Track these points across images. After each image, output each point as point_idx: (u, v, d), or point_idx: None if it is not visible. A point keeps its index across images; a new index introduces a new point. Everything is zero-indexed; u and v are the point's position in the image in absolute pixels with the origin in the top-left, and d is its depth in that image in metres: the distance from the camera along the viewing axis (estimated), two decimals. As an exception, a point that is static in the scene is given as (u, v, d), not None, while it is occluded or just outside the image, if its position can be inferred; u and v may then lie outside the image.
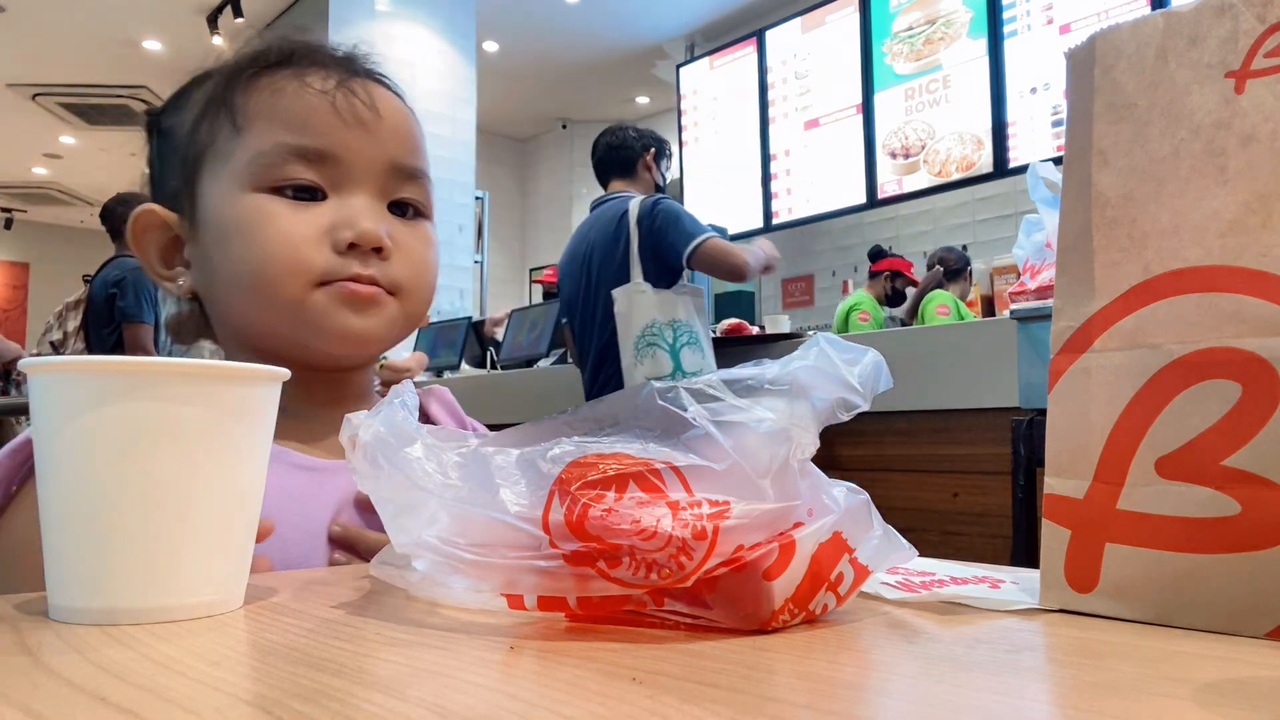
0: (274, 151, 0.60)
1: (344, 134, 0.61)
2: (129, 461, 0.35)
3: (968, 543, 1.47)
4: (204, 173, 0.63)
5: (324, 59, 0.64)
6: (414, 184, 0.65)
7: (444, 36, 5.69)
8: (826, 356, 0.37)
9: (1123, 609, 0.37)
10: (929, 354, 1.55)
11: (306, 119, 0.60)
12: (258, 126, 0.61)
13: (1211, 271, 0.36)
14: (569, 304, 2.54)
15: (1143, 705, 0.25)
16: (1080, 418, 0.39)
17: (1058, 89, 4.10)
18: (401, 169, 0.64)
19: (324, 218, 0.60)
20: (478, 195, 5.65)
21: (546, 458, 0.35)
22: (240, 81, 0.62)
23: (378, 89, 0.65)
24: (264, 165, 0.60)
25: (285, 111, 0.60)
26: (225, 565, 0.38)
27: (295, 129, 0.60)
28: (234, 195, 0.60)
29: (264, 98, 0.61)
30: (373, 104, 0.62)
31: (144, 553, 0.36)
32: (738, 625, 0.34)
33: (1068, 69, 0.42)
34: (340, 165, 0.61)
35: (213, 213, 0.62)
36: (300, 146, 0.60)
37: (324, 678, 0.27)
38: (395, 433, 0.38)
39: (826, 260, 5.91)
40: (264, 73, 0.62)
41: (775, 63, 5.43)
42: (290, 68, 0.62)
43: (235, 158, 0.61)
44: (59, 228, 11.03)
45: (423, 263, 0.65)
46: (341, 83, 0.62)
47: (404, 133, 0.65)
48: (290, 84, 0.61)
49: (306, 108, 0.60)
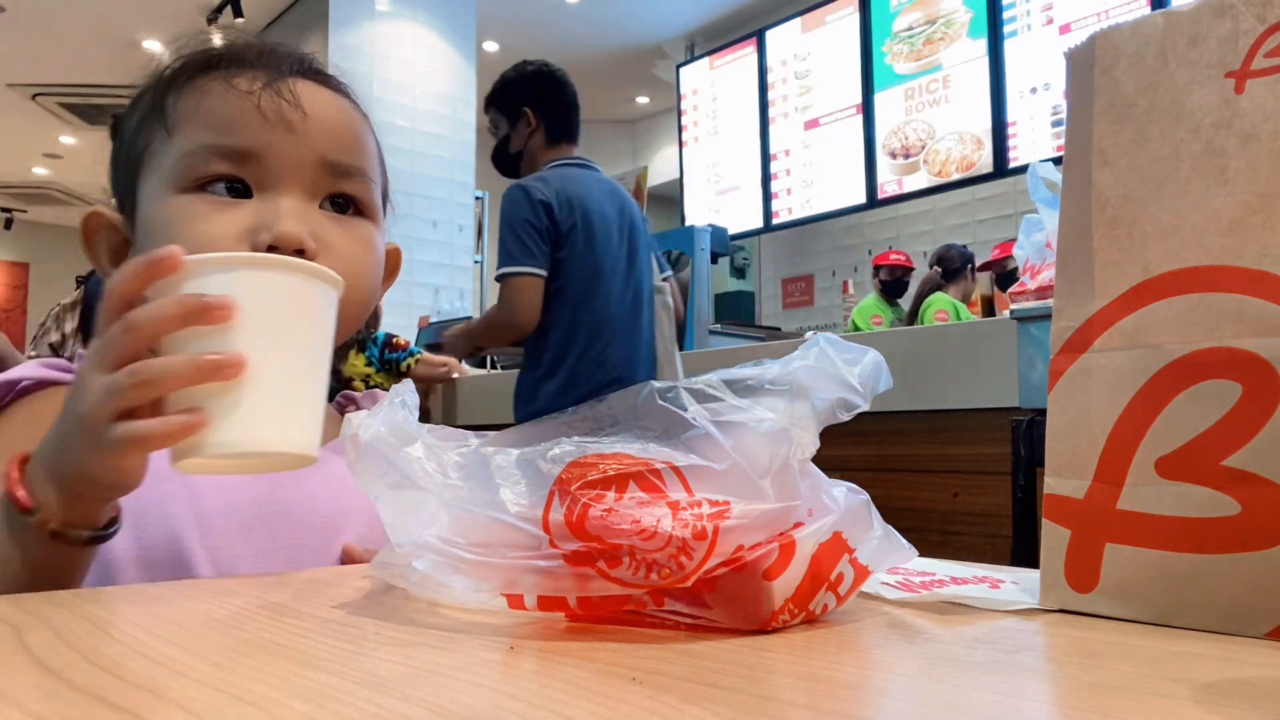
0: (198, 152, 0.60)
1: (268, 133, 0.60)
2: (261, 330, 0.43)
3: (968, 543, 1.47)
4: (141, 176, 0.63)
5: (253, 61, 0.63)
6: (349, 180, 0.64)
7: (444, 36, 5.69)
8: (826, 356, 0.37)
9: (1123, 609, 0.37)
10: (929, 354, 1.55)
11: (230, 119, 0.60)
12: (185, 129, 0.61)
13: (1211, 271, 0.36)
14: (607, 273, 2.05)
15: (1143, 705, 0.25)
16: (1080, 418, 0.39)
17: (1058, 89, 4.10)
18: (334, 166, 0.63)
19: (245, 219, 0.59)
20: (478, 195, 5.65)
21: (546, 458, 0.35)
22: (174, 86, 0.63)
23: (311, 88, 0.64)
24: (188, 165, 0.60)
25: (210, 113, 0.61)
26: (314, 417, 0.46)
27: (219, 130, 0.60)
28: (162, 197, 0.60)
29: (192, 101, 0.62)
30: (298, 102, 0.62)
31: (264, 400, 0.43)
32: (738, 625, 0.34)
33: (1068, 69, 0.42)
34: (264, 164, 0.60)
35: (144, 214, 0.62)
36: (223, 146, 0.60)
37: (324, 678, 0.27)
38: (395, 432, 0.38)
39: (826, 260, 5.91)
40: (196, 76, 0.63)
41: (775, 63, 5.43)
42: (219, 70, 0.62)
43: (165, 160, 0.61)
44: (59, 228, 11.02)
45: (354, 264, 0.63)
46: (269, 83, 0.62)
47: (337, 129, 0.64)
48: (217, 85, 0.61)
49: (231, 108, 0.60)
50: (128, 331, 0.43)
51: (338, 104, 0.66)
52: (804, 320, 5.87)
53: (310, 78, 0.65)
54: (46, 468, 0.47)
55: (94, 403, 0.44)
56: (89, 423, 0.44)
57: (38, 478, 0.47)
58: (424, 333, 3.87)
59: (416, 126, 5.39)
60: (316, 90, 0.64)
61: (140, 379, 0.42)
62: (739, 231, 5.40)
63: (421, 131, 5.41)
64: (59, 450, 0.46)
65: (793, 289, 6.13)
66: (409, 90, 5.45)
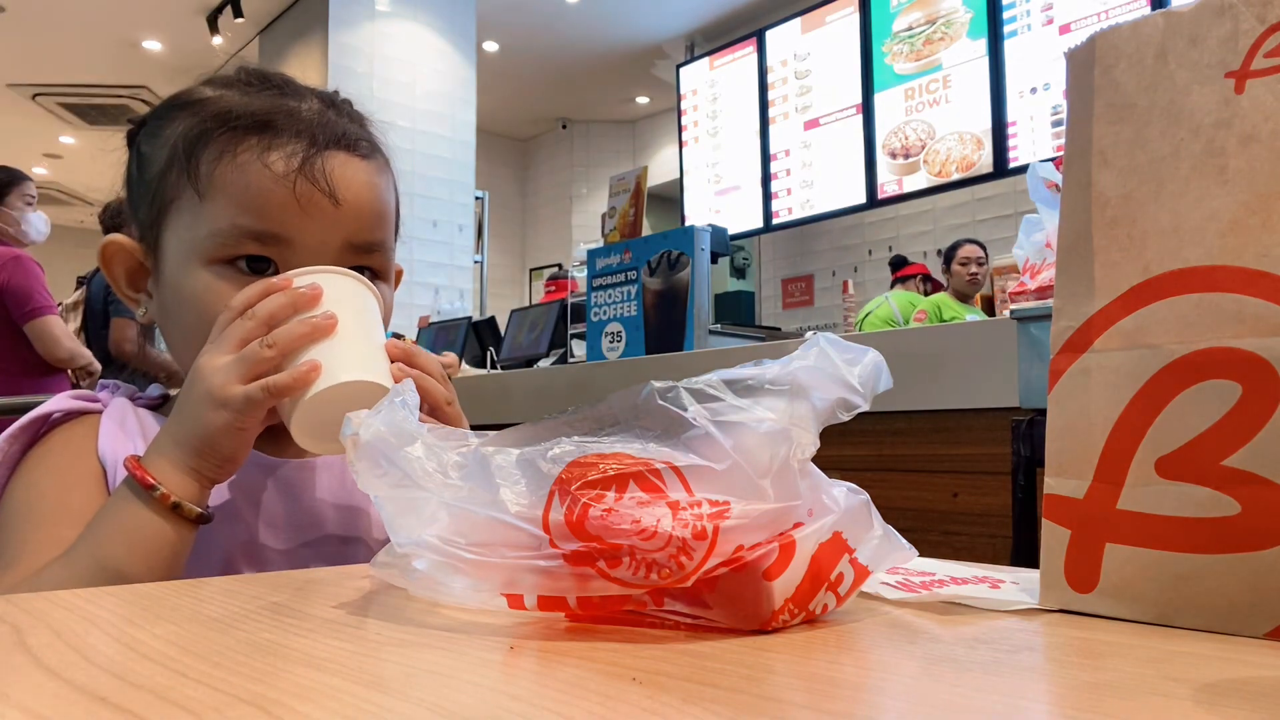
0: (230, 232, 0.62)
1: (299, 220, 0.62)
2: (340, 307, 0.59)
3: (968, 543, 1.47)
4: (167, 222, 0.65)
5: (291, 127, 0.64)
6: (370, 255, 0.66)
7: (444, 36, 5.69)
8: (826, 356, 0.37)
9: (1123, 609, 0.37)
10: (929, 354, 1.55)
11: (264, 204, 0.62)
12: (217, 199, 0.62)
13: (1211, 271, 0.36)
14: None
15: (1143, 705, 0.25)
16: (1080, 418, 0.39)
17: (1058, 89, 4.11)
18: (357, 246, 0.65)
19: None
20: (478, 195, 5.65)
21: (546, 458, 0.35)
22: (207, 144, 0.63)
23: (345, 161, 0.64)
24: (219, 243, 0.62)
25: (244, 193, 0.62)
26: (382, 362, 0.59)
27: (252, 213, 0.61)
28: (190, 265, 0.63)
29: (227, 173, 0.62)
30: (332, 190, 0.63)
31: (350, 349, 0.58)
32: (738, 625, 0.34)
33: (1068, 69, 0.42)
34: (293, 248, 0.62)
35: (170, 274, 0.64)
36: (255, 230, 0.62)
37: (324, 678, 0.27)
38: (395, 432, 0.38)
39: (826, 260, 5.92)
40: (230, 136, 0.63)
41: (775, 63, 5.43)
42: (255, 135, 0.63)
43: (195, 225, 0.63)
44: (59, 228, 10.99)
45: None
46: (306, 162, 0.62)
47: (365, 212, 0.65)
48: (253, 164, 0.62)
49: (264, 192, 0.61)
50: (251, 319, 0.56)
51: (368, 178, 0.66)
52: (804, 320, 5.88)
53: (345, 149, 0.65)
54: (163, 454, 0.56)
55: (224, 375, 0.55)
56: (219, 392, 0.54)
57: (154, 465, 0.55)
58: (424, 333, 3.88)
59: (416, 126, 5.39)
60: (349, 164, 0.65)
61: (270, 343, 0.55)
62: (739, 231, 5.40)
63: (421, 131, 5.41)
64: (180, 430, 0.56)
65: (793, 289, 6.13)
66: (409, 90, 5.46)
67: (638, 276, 2.42)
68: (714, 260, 2.60)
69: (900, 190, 4.79)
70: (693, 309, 2.60)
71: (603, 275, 2.48)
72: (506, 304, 5.68)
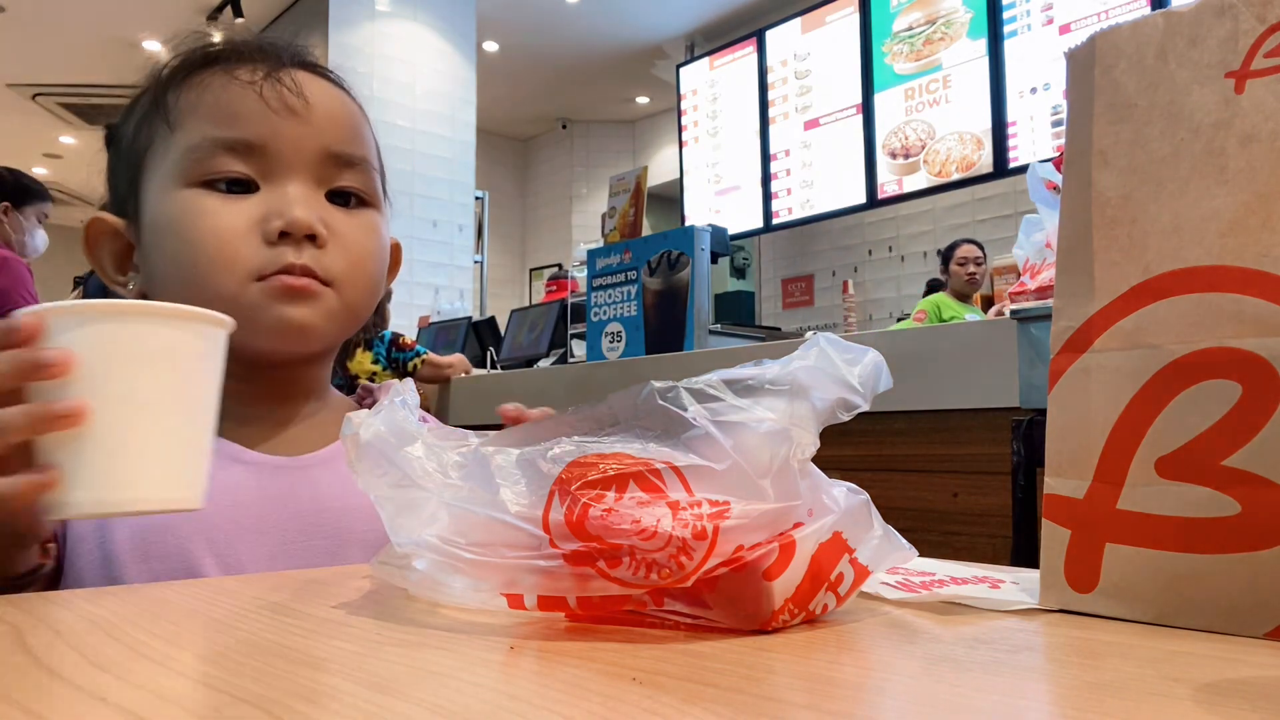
0: (202, 145, 0.59)
1: (272, 122, 0.60)
2: (108, 381, 0.41)
3: (968, 543, 1.47)
4: (144, 175, 0.63)
5: (253, 54, 0.63)
6: (353, 171, 0.64)
7: (444, 36, 5.69)
8: (826, 356, 0.37)
9: (1123, 609, 0.37)
10: (929, 354, 1.55)
11: (234, 111, 0.60)
12: (188, 123, 0.61)
13: (1211, 271, 0.36)
14: None
15: (1143, 705, 0.25)
16: (1080, 418, 0.39)
17: (1058, 89, 4.10)
18: (338, 156, 0.63)
19: (255, 209, 0.60)
20: (478, 195, 5.65)
21: (546, 458, 0.35)
22: (173, 83, 0.63)
23: (309, 78, 0.64)
24: (194, 160, 0.59)
25: (213, 105, 0.60)
26: (196, 467, 0.44)
27: (223, 122, 0.60)
28: (167, 193, 0.60)
29: (193, 95, 0.61)
30: (300, 92, 0.62)
31: (120, 453, 0.41)
32: (738, 625, 0.34)
33: (1068, 69, 0.42)
34: (270, 155, 0.60)
35: (150, 212, 0.62)
36: (228, 139, 0.59)
37: (324, 678, 0.27)
38: (395, 432, 0.38)
39: (826, 260, 5.91)
40: (195, 72, 0.63)
41: (775, 63, 5.42)
42: (220, 64, 0.62)
43: (169, 156, 0.61)
44: (59, 228, 11.01)
45: (362, 252, 0.64)
46: (269, 74, 0.62)
47: (339, 119, 0.64)
48: (218, 79, 0.61)
49: (233, 100, 0.60)
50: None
51: (337, 95, 0.66)
52: (804, 320, 5.88)
53: (308, 69, 0.65)
54: None
55: None
56: None
57: None
58: (424, 333, 3.88)
59: (416, 126, 5.39)
60: (315, 81, 0.65)
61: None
62: (739, 231, 5.40)
63: (421, 131, 5.41)
64: None
65: (793, 289, 6.12)
66: (409, 90, 5.45)
67: (638, 276, 2.42)
68: (714, 260, 2.60)
69: (900, 190, 4.78)
70: (693, 309, 2.60)
71: (603, 275, 2.48)
72: (506, 304, 5.67)
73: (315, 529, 0.64)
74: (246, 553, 0.60)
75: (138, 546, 0.57)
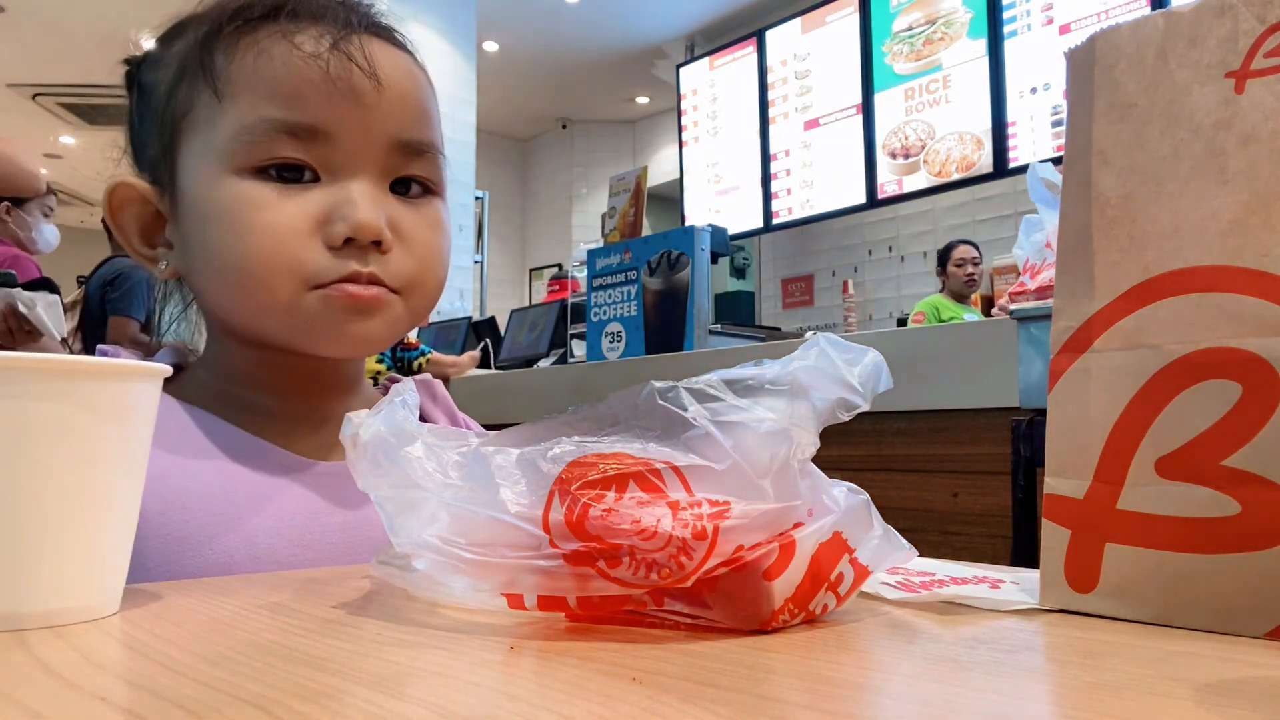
0: (259, 127, 0.52)
1: (339, 108, 0.53)
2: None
3: (968, 543, 1.47)
4: (183, 142, 0.56)
5: (317, 8, 0.55)
6: (421, 160, 0.57)
7: (444, 36, 5.69)
8: (827, 356, 0.37)
9: (1123, 609, 0.37)
10: (929, 354, 1.55)
11: (296, 89, 0.53)
12: (241, 96, 0.53)
13: (1211, 271, 0.36)
14: None
15: (1143, 705, 0.25)
16: (1080, 418, 0.39)
17: (1058, 89, 4.10)
18: (407, 145, 0.56)
19: (316, 206, 0.53)
20: (478, 195, 5.65)
21: (546, 458, 0.35)
22: (221, 39, 0.55)
23: (380, 47, 0.56)
24: (248, 143, 0.53)
25: (271, 80, 0.53)
26: (88, 570, 0.35)
27: (283, 101, 0.53)
28: (215, 176, 0.53)
29: (247, 61, 0.53)
30: (373, 70, 0.54)
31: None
32: (738, 625, 0.34)
33: (1068, 69, 0.42)
34: (334, 144, 0.53)
35: (193, 194, 0.55)
36: (289, 122, 0.53)
37: (324, 678, 0.27)
38: (395, 432, 0.38)
39: (826, 260, 5.91)
40: (247, 28, 0.54)
41: (775, 63, 5.43)
42: (277, 22, 0.54)
43: (216, 130, 0.54)
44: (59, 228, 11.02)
45: (431, 253, 0.58)
46: (337, 43, 0.54)
47: (411, 102, 0.57)
48: (278, 46, 0.53)
49: (296, 76, 0.53)
50: None
51: (407, 67, 0.58)
52: (804, 320, 5.88)
53: (379, 34, 0.57)
54: None
55: None
56: None
57: None
58: (424, 333, 3.88)
59: (416, 126, 5.38)
60: (385, 50, 0.56)
61: None
62: (739, 231, 5.40)
63: (421, 131, 5.40)
64: None
65: (793, 289, 6.12)
66: (409, 90, 5.45)
67: (638, 276, 2.42)
68: (714, 260, 2.59)
69: (900, 190, 4.79)
70: (693, 309, 2.60)
71: (603, 275, 2.48)
72: (506, 304, 5.67)
73: (361, 541, 0.59)
74: (290, 566, 0.56)
75: (174, 558, 0.53)
